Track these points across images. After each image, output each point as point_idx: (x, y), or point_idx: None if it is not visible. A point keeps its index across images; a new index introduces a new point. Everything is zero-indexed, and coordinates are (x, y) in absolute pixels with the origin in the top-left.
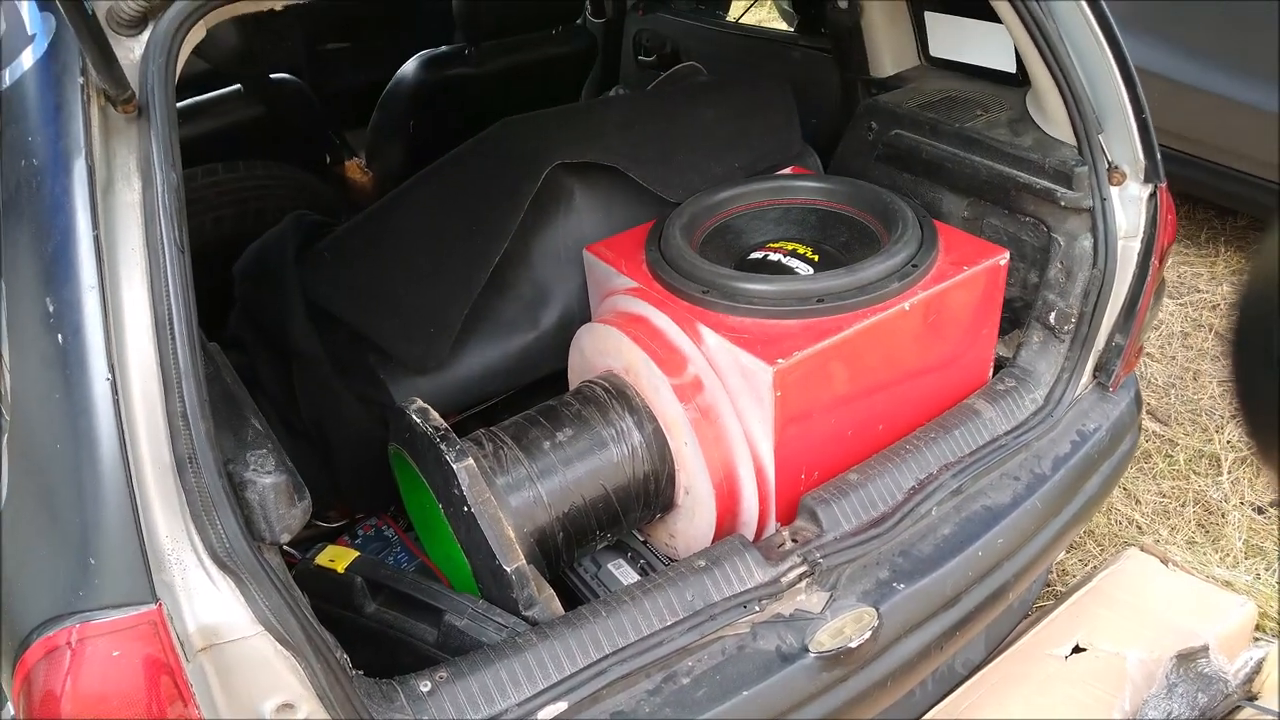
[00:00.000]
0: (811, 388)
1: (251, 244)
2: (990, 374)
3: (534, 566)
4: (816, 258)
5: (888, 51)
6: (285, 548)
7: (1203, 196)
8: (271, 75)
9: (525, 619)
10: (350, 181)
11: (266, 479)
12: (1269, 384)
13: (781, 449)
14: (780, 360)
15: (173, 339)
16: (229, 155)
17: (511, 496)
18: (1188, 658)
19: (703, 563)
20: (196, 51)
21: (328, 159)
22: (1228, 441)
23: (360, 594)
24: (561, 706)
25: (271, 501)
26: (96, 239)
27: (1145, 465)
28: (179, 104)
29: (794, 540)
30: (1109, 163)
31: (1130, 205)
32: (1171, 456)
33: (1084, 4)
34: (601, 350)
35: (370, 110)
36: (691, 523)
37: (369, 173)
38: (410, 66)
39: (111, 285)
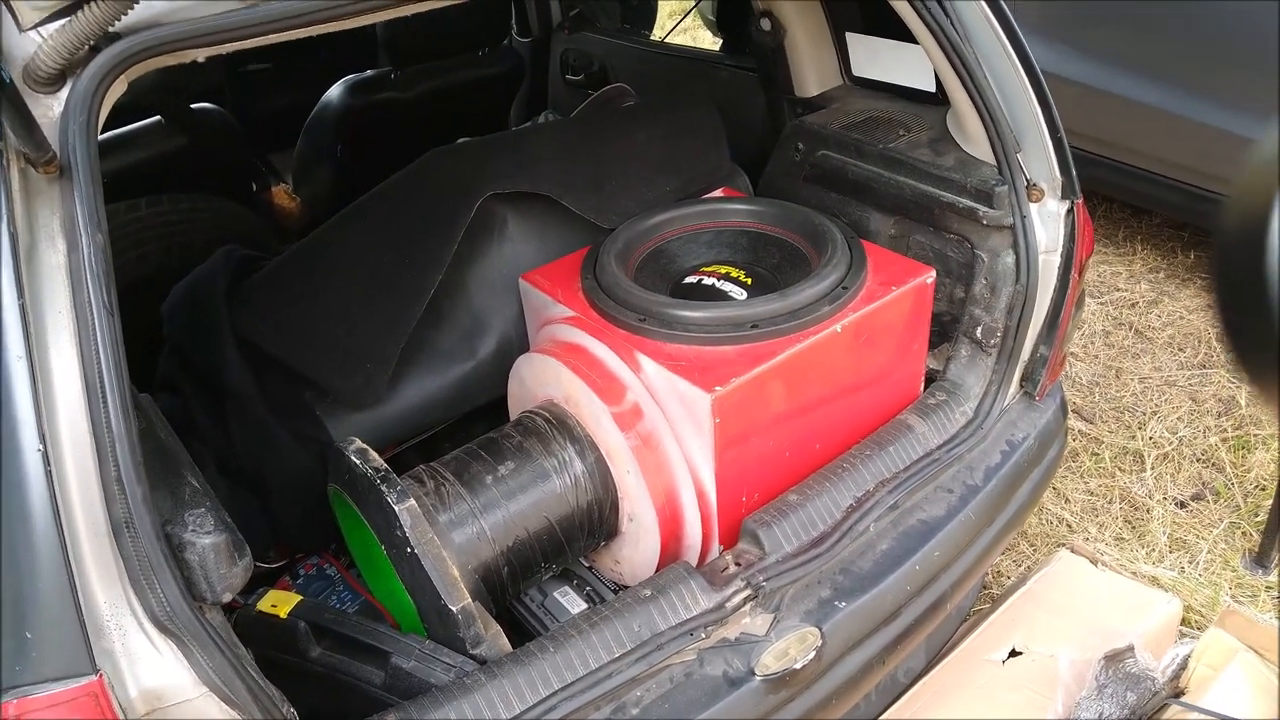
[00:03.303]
0: (749, 412)
1: (179, 282)
2: (921, 388)
3: (479, 603)
4: (750, 280)
5: (811, 71)
6: None
7: (1118, 197)
8: (193, 105)
9: (473, 658)
10: (278, 208)
11: (206, 539)
12: (1261, 312)
13: (722, 473)
14: (718, 387)
15: (105, 403)
16: (152, 189)
17: (455, 533)
18: (1115, 658)
19: (648, 592)
20: None
21: (254, 187)
22: (1150, 438)
23: (304, 639)
24: None
25: (212, 562)
26: (22, 307)
27: (1073, 464)
28: (100, 137)
29: (737, 564)
30: (1027, 181)
31: (1049, 221)
32: (1097, 454)
33: (999, 28)
34: (541, 380)
35: (295, 132)
36: (636, 549)
37: (296, 199)
38: (335, 91)
39: (39, 352)
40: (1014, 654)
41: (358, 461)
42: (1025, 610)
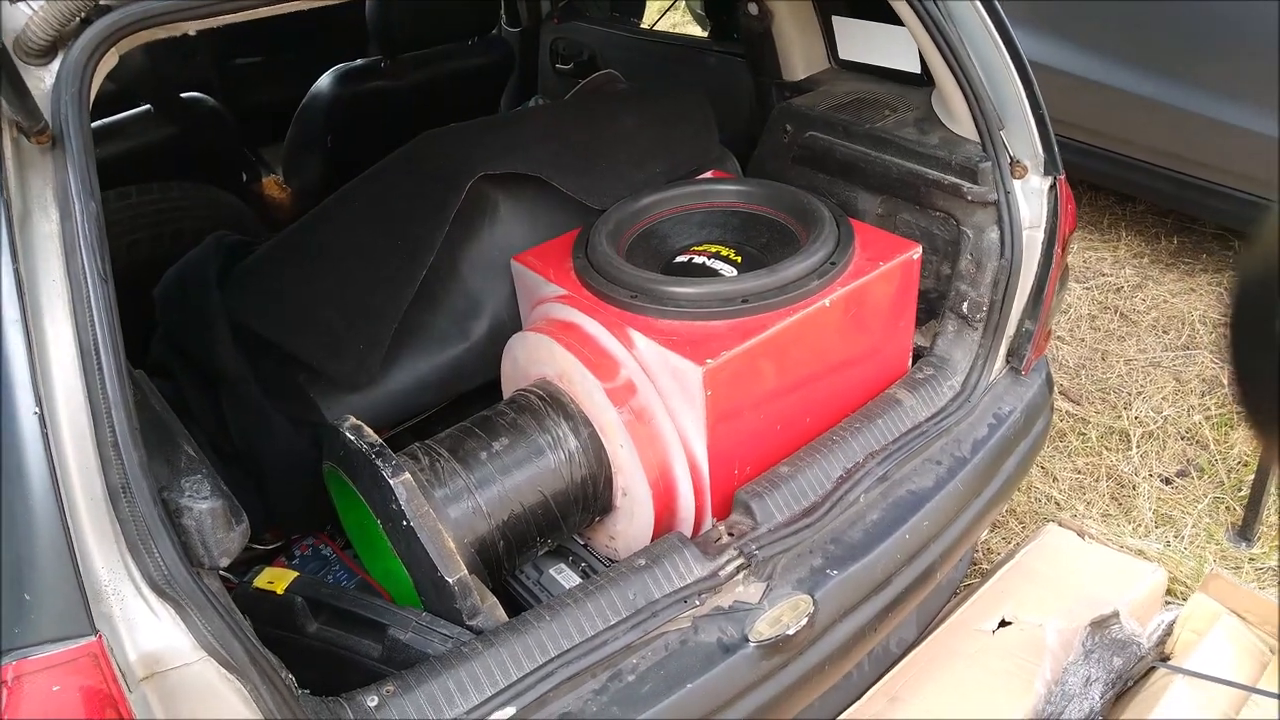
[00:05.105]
0: (740, 385)
1: (171, 267)
2: (909, 363)
3: (476, 576)
4: (739, 259)
5: (799, 55)
6: (223, 573)
7: (1104, 185)
8: (183, 94)
9: (470, 628)
10: (269, 199)
11: (203, 504)
12: (1267, 363)
13: (714, 446)
14: (709, 360)
15: (100, 369)
16: (143, 178)
17: (450, 508)
18: (1100, 625)
19: (643, 561)
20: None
21: (244, 177)
22: (1135, 417)
23: (302, 614)
24: (510, 711)
25: (209, 526)
26: (16, 273)
27: (1061, 444)
28: (89, 108)
29: (730, 534)
30: (1011, 157)
31: (1032, 197)
32: (1084, 434)
33: (981, 8)
34: (534, 358)
35: (287, 125)
36: (631, 523)
37: (287, 189)
38: (325, 81)
39: (34, 318)
40: (1003, 624)
41: (352, 438)
42: (1014, 582)
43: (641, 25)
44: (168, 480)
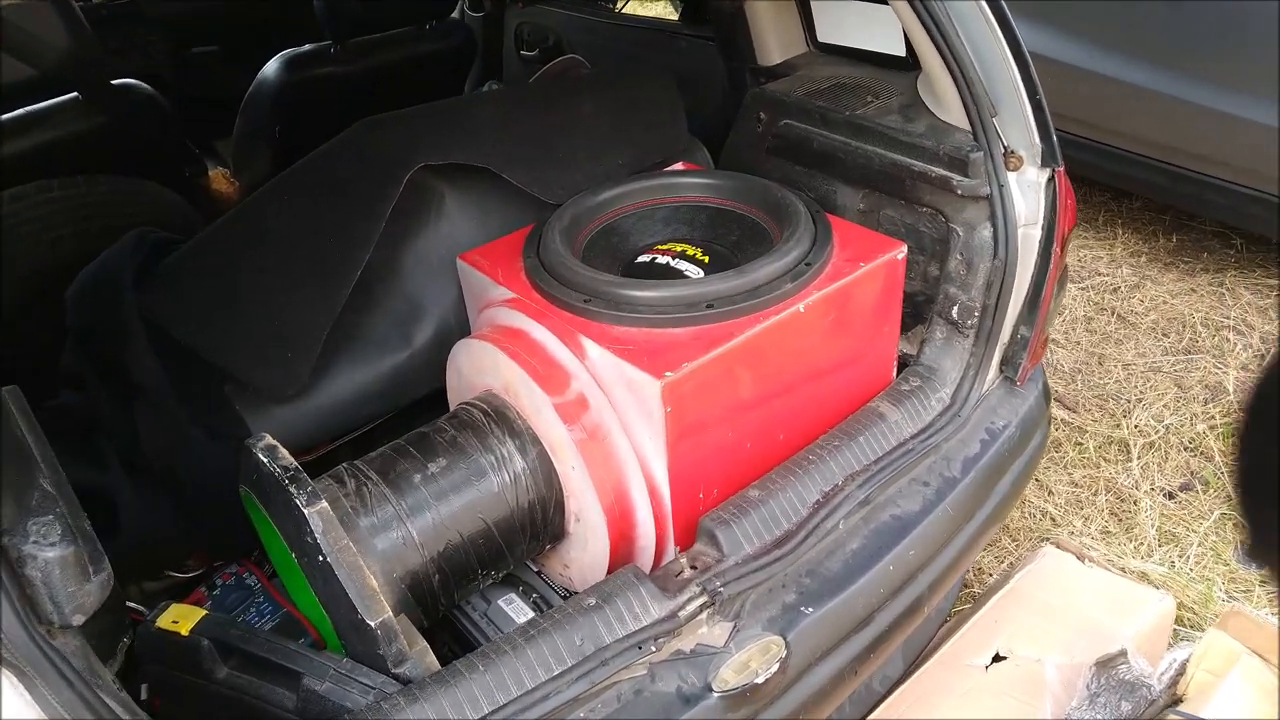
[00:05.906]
0: (704, 400)
1: (87, 266)
2: (894, 373)
3: (406, 616)
4: (707, 259)
5: (774, 38)
6: (131, 604)
7: (1100, 180)
8: (114, 81)
9: (395, 677)
10: (216, 193)
11: (50, 552)
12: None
13: (675, 467)
14: (669, 373)
15: None
16: (70, 170)
17: (377, 539)
18: (1107, 664)
19: (593, 601)
20: (23, 56)
21: (186, 171)
22: (1135, 426)
23: (209, 658)
24: None
25: (58, 577)
26: None
27: (1056, 454)
28: (8, 115)
29: (693, 567)
30: (1005, 147)
31: (1029, 191)
32: (1081, 444)
33: None
34: (479, 368)
35: None
36: (585, 551)
37: (235, 183)
38: (272, 67)
39: None
40: (998, 659)
41: (265, 459)
42: (1009, 611)
43: (613, 8)
44: (12, 522)
